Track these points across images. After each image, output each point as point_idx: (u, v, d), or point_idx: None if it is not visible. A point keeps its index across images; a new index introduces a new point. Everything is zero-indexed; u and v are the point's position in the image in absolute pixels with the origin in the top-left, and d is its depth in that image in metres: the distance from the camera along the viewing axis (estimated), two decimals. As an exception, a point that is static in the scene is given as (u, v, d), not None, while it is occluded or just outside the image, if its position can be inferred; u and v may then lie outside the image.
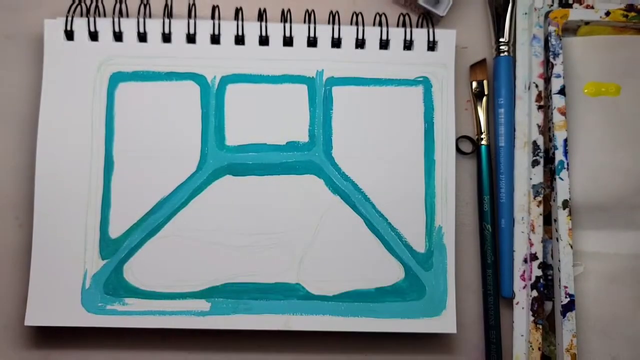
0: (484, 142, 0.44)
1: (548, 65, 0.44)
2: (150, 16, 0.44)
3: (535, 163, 0.43)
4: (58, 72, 0.42)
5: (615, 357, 0.41)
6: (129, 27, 0.43)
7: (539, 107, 0.44)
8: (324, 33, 0.44)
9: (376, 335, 0.43)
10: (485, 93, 0.45)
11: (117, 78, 0.42)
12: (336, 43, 0.44)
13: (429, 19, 0.45)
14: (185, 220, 0.42)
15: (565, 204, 0.42)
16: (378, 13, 0.45)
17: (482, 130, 0.45)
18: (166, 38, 0.43)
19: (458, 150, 0.45)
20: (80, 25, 0.43)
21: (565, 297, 0.41)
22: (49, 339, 0.42)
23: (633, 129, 0.43)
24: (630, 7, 0.44)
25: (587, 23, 0.44)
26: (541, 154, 0.43)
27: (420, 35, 0.44)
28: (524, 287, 0.43)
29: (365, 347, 0.43)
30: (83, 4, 0.43)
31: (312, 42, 0.44)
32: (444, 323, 0.42)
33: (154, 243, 0.41)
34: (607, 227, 0.43)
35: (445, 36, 0.44)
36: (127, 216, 0.41)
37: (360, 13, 0.44)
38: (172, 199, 0.42)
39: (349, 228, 0.42)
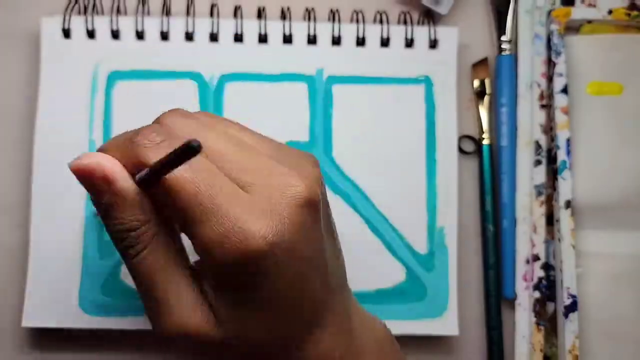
0: (485, 141, 0.44)
1: (550, 64, 0.43)
2: (148, 14, 0.43)
3: (537, 163, 0.43)
4: (55, 71, 0.42)
5: (617, 358, 0.41)
6: (126, 25, 0.42)
7: (541, 106, 0.44)
8: (324, 31, 0.43)
9: (377, 337, 0.42)
10: (487, 92, 0.45)
11: (114, 76, 0.42)
12: (336, 41, 0.43)
13: (430, 17, 0.44)
14: (184, 221, 0.41)
15: (568, 204, 0.41)
16: (379, 11, 0.44)
17: (484, 130, 0.44)
18: (164, 36, 0.43)
19: (460, 149, 0.44)
20: (77, 24, 0.42)
21: (568, 298, 0.40)
22: (46, 340, 0.41)
23: (636, 128, 0.43)
24: (633, 6, 0.44)
25: (589, 22, 0.44)
26: (543, 154, 0.43)
27: (421, 34, 0.44)
28: (526, 288, 0.42)
29: (366, 349, 0.43)
30: (80, 2, 0.43)
31: (312, 40, 0.43)
32: (446, 324, 0.41)
33: (153, 243, 0.41)
34: (610, 227, 0.42)
35: (447, 34, 0.44)
36: (125, 216, 0.41)
37: (361, 11, 0.44)
38: (170, 199, 0.41)
39: (349, 228, 0.42)
